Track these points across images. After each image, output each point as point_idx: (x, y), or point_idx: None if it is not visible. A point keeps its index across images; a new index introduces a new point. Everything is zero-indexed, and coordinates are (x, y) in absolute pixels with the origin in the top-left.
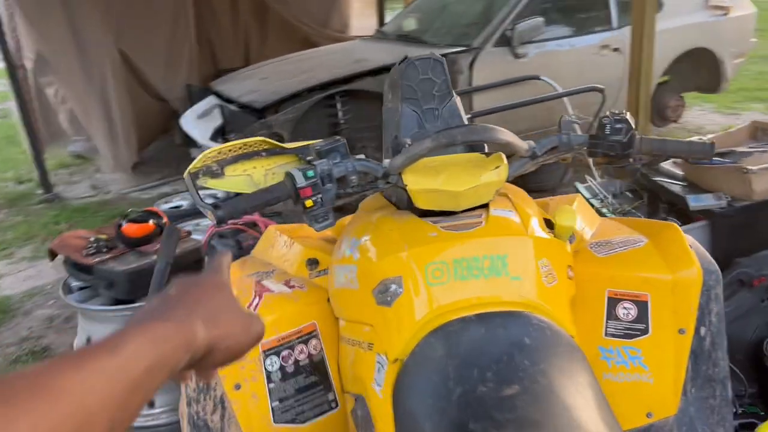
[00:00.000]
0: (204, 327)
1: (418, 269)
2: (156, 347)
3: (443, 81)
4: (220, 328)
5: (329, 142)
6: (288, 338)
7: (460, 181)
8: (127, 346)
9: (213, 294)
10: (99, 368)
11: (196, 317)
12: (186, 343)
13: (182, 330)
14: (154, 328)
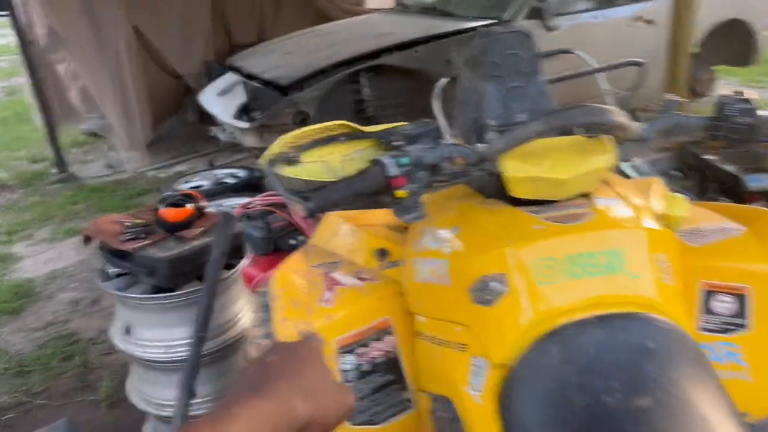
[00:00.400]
0: (303, 403)
1: (526, 266)
2: (260, 425)
3: (531, 56)
4: (317, 404)
5: (419, 126)
6: (363, 335)
7: (565, 168)
8: (234, 425)
9: (311, 366)
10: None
11: (295, 393)
12: (286, 421)
13: (283, 408)
14: (258, 406)
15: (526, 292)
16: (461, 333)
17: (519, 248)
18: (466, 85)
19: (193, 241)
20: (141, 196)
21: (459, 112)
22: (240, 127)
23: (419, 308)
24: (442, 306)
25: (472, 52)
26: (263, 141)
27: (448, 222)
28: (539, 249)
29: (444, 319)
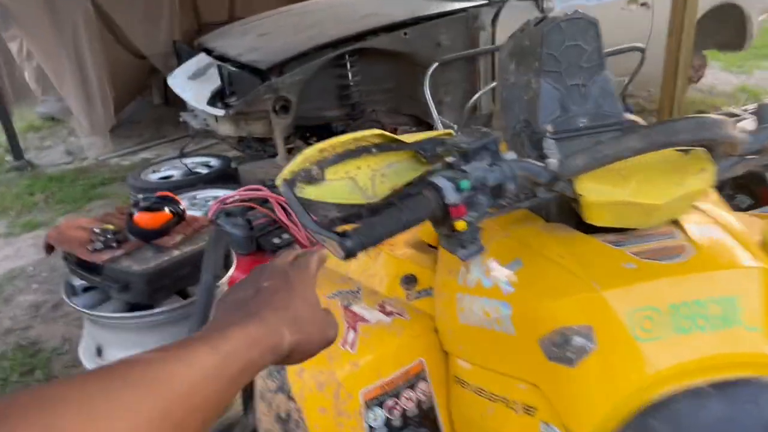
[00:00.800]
0: (290, 333)
1: (620, 318)
2: (250, 349)
3: (594, 49)
4: (303, 334)
5: (475, 136)
6: (393, 383)
7: (658, 191)
8: (227, 345)
9: (302, 297)
10: (201, 365)
11: (284, 322)
12: (273, 347)
13: (273, 334)
14: (250, 329)
15: (622, 350)
16: (526, 392)
17: (610, 294)
18: (511, 81)
19: (173, 250)
20: (104, 186)
21: (503, 113)
22: (214, 114)
23: (462, 352)
24: (500, 357)
25: (520, 42)
26: (240, 129)
27: (505, 252)
28: (635, 295)
29: (501, 372)
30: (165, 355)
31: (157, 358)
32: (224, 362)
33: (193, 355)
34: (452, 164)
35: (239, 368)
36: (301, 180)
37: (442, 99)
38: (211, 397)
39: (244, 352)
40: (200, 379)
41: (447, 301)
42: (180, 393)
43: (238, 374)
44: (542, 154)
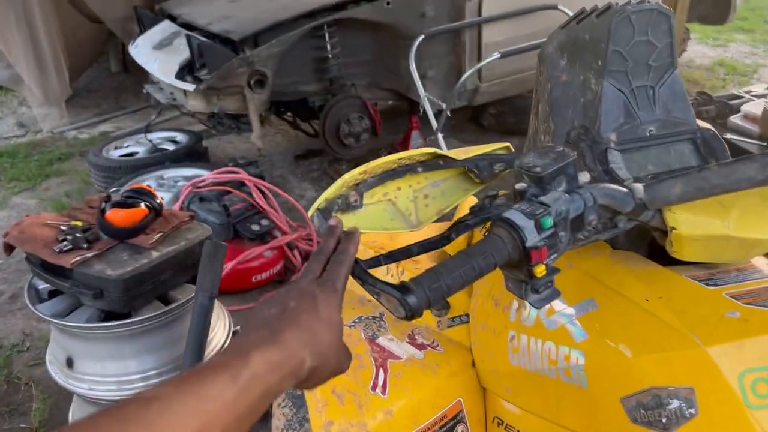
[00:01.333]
0: (310, 358)
1: (729, 380)
2: (270, 374)
3: (666, 45)
4: (322, 360)
5: (553, 159)
6: (430, 430)
7: (762, 223)
8: (247, 372)
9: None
10: (220, 396)
11: (306, 347)
12: (293, 372)
13: (294, 358)
14: (272, 354)
15: (730, 418)
16: None
17: (715, 350)
18: (563, 79)
19: (151, 251)
20: (62, 162)
21: (553, 115)
22: (183, 88)
23: (511, 396)
24: (565, 410)
25: (576, 35)
26: (211, 105)
27: (573, 289)
28: (746, 352)
29: (565, 426)
30: (182, 389)
31: (174, 393)
32: (244, 391)
33: (211, 388)
34: (525, 193)
35: (258, 395)
36: (338, 209)
37: (425, 73)
38: (233, 425)
39: (264, 377)
40: (219, 411)
41: (494, 337)
42: (197, 427)
43: (257, 401)
44: (608, 170)
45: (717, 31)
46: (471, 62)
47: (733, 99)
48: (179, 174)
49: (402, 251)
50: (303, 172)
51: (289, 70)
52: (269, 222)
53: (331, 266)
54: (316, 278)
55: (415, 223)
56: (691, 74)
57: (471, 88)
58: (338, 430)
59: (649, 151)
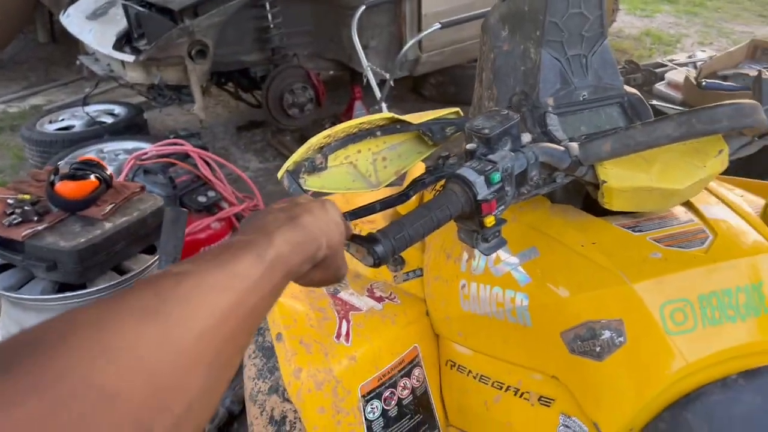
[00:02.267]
0: (325, 245)
1: (652, 311)
2: (294, 256)
3: (597, 17)
4: (331, 251)
5: (499, 122)
6: (390, 373)
7: (680, 175)
8: (272, 251)
9: (334, 221)
10: (248, 274)
11: (321, 232)
12: (312, 256)
13: (313, 242)
14: (294, 235)
15: (653, 344)
16: (543, 383)
17: (640, 286)
18: (505, 49)
19: (104, 222)
20: None
21: (495, 81)
22: (121, 59)
23: (463, 339)
24: (512, 347)
25: (517, 7)
26: (151, 76)
27: (517, 240)
28: (665, 287)
29: (512, 362)
30: (214, 264)
31: (207, 269)
32: (270, 270)
33: (240, 265)
34: (475, 153)
35: (282, 275)
36: (306, 170)
37: (367, 43)
38: (258, 306)
39: (288, 257)
40: (249, 288)
41: (446, 287)
42: (230, 305)
43: (280, 281)
44: (546, 131)
45: (644, 2)
46: (412, 33)
47: (658, 67)
48: (120, 147)
49: (365, 208)
50: (246, 143)
51: (230, 39)
52: (216, 193)
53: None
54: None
55: (375, 183)
56: (621, 44)
57: (412, 59)
58: (307, 375)
59: (582, 114)
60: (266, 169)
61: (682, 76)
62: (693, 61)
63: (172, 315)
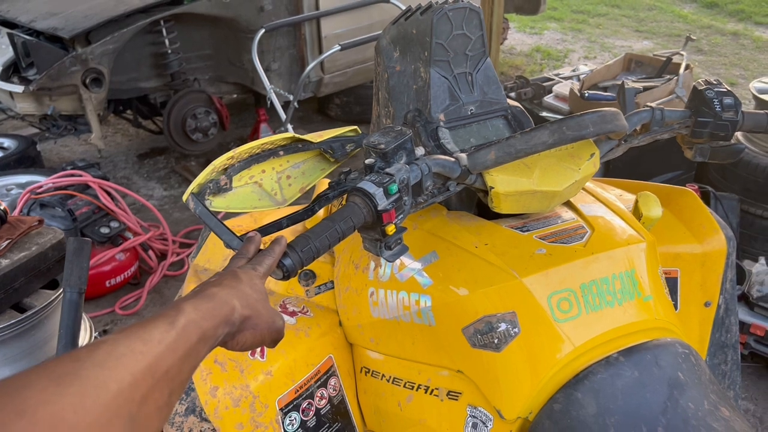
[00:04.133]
0: (241, 306)
1: (540, 302)
2: (206, 321)
3: (479, 37)
4: (253, 310)
5: (394, 138)
6: (307, 384)
7: (557, 178)
8: (182, 319)
9: (249, 284)
10: (160, 339)
11: (235, 298)
12: (225, 318)
13: (224, 306)
14: (203, 304)
15: (543, 332)
16: (450, 379)
17: (529, 280)
18: (396, 69)
19: (0, 259)
20: None
21: (392, 100)
22: (10, 90)
23: (374, 344)
24: (420, 347)
25: (405, 30)
26: (43, 107)
27: (418, 246)
28: (551, 279)
29: (420, 361)
30: (127, 334)
31: (120, 338)
32: (183, 335)
33: (152, 332)
34: (373, 167)
35: (196, 339)
36: (210, 192)
37: (269, 66)
38: (173, 368)
39: (199, 322)
40: (161, 352)
41: (356, 296)
42: (143, 367)
43: (195, 345)
44: (439, 144)
45: (532, 20)
46: (313, 54)
47: (546, 81)
48: (11, 182)
49: (273, 224)
50: (148, 171)
51: (127, 66)
52: (119, 224)
53: (252, 259)
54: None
55: (281, 201)
56: (513, 60)
57: (315, 80)
58: (223, 393)
59: (471, 127)
60: (171, 196)
61: (567, 89)
62: (576, 74)
63: (89, 377)
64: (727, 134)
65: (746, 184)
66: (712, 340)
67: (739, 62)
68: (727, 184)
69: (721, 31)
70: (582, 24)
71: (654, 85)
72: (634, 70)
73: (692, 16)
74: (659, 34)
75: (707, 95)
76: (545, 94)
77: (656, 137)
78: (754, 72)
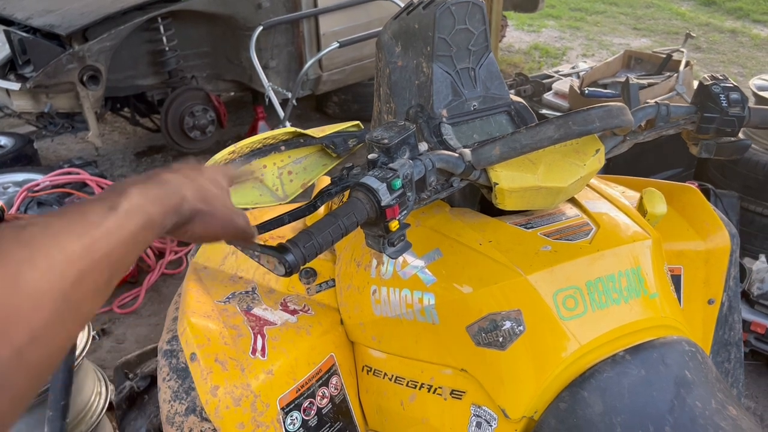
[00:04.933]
0: (192, 197)
1: (545, 299)
2: (152, 206)
3: (481, 32)
4: (207, 205)
5: (397, 132)
6: (307, 384)
7: (563, 174)
8: (126, 203)
9: (210, 178)
10: (100, 221)
11: (189, 188)
12: (176, 209)
13: (174, 195)
14: (150, 189)
15: (549, 330)
16: (453, 378)
17: (534, 277)
18: (399, 65)
19: None
20: None
21: (394, 96)
22: (6, 87)
23: (376, 343)
24: (423, 345)
25: (407, 25)
26: (40, 104)
27: (421, 243)
28: (556, 277)
29: (424, 359)
30: (60, 215)
31: (52, 219)
32: (125, 218)
33: (91, 213)
34: (376, 162)
35: (140, 224)
36: None
37: (267, 63)
38: (113, 252)
39: (144, 207)
40: (102, 234)
41: (358, 294)
42: (79, 248)
43: (139, 231)
44: (442, 140)
45: (530, 18)
46: (311, 52)
47: (545, 78)
48: (8, 180)
49: (274, 220)
50: (146, 169)
51: (124, 64)
52: None
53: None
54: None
55: (282, 196)
56: (511, 58)
57: (313, 77)
58: (224, 392)
59: (474, 123)
60: None
61: (567, 86)
62: (576, 71)
63: (13, 255)
64: (733, 130)
65: (746, 182)
66: (716, 337)
67: (737, 60)
68: (727, 182)
69: (719, 29)
70: (580, 22)
71: (654, 82)
72: (634, 67)
73: (690, 13)
74: (657, 31)
75: (714, 90)
76: (545, 91)
77: (661, 133)
78: (752, 69)
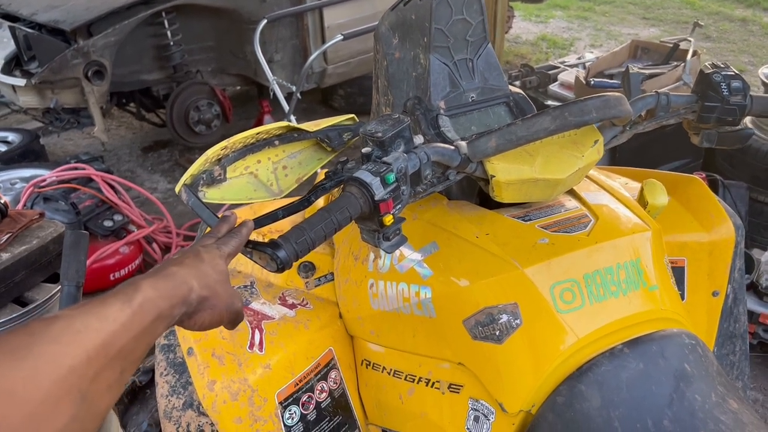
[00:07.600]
0: (198, 286)
1: (543, 293)
2: (162, 300)
3: (479, 23)
4: (211, 291)
5: (391, 126)
6: (307, 378)
7: (560, 166)
8: (138, 297)
9: (210, 264)
10: (115, 317)
11: (193, 278)
12: (183, 298)
13: (182, 286)
14: (160, 283)
15: (547, 323)
16: (451, 371)
17: (531, 270)
18: (397, 56)
19: (1, 253)
20: None
21: (391, 88)
22: (12, 83)
23: (374, 337)
24: (420, 339)
25: (404, 16)
26: (46, 100)
27: (418, 236)
28: (553, 269)
29: (421, 353)
30: (83, 310)
31: (75, 314)
32: (137, 313)
33: (108, 309)
34: (370, 156)
35: (152, 318)
36: (204, 183)
37: (272, 57)
38: (127, 346)
39: (156, 301)
40: (118, 330)
41: (356, 288)
42: (97, 344)
43: (151, 324)
44: (439, 132)
45: (538, 8)
46: (315, 45)
47: (551, 69)
48: (16, 176)
49: (268, 216)
50: (152, 164)
51: (129, 59)
52: (123, 217)
53: (220, 239)
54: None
55: (277, 192)
56: (519, 49)
57: (318, 71)
58: (221, 387)
59: (472, 115)
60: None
61: (573, 77)
62: (582, 62)
63: (42, 353)
64: (735, 119)
65: (755, 172)
66: (720, 330)
67: (748, 48)
68: (735, 172)
69: (729, 18)
70: (588, 12)
71: (660, 72)
72: (641, 57)
73: (700, 2)
74: (666, 21)
75: (714, 79)
76: (550, 82)
77: (662, 123)
78: (763, 58)
